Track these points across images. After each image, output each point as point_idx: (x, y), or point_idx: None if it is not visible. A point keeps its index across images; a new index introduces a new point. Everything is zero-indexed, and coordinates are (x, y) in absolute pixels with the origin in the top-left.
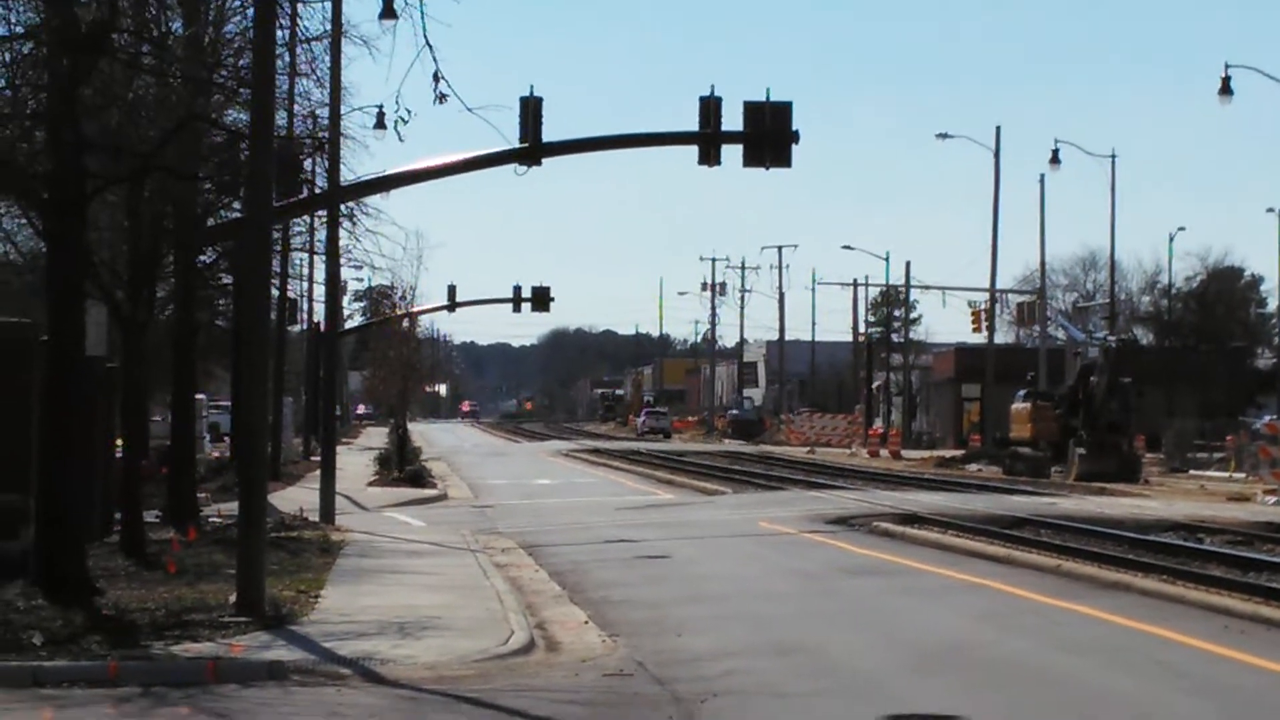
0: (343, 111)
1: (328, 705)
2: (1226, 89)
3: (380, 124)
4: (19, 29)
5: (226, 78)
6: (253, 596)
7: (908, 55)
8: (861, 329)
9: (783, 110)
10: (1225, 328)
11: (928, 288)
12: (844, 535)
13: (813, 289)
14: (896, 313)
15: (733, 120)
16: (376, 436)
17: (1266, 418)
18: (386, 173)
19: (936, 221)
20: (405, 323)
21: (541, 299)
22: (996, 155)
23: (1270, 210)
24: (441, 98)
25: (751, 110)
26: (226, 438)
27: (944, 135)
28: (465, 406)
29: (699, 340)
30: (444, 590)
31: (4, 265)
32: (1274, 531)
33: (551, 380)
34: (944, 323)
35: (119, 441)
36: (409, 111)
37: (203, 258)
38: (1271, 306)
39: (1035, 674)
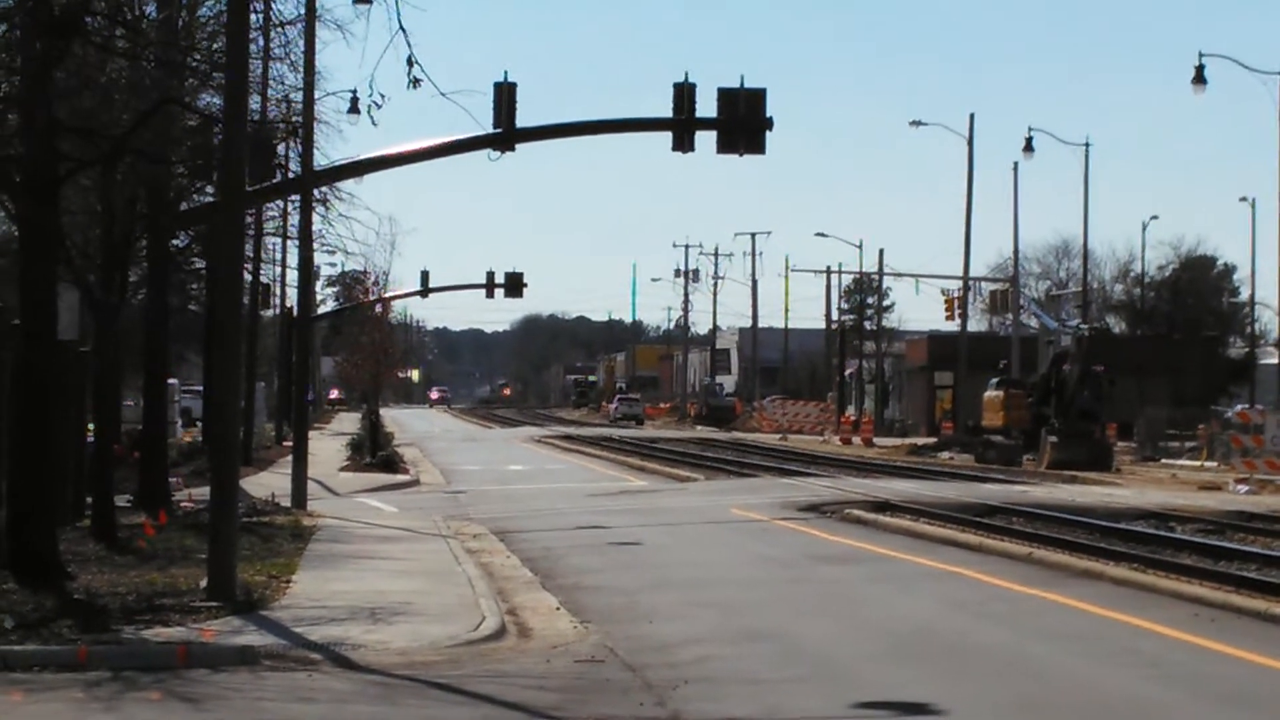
0: (316, 96)
1: (299, 690)
2: (1200, 78)
3: (354, 109)
4: None
5: (200, 61)
6: (224, 581)
7: (882, 43)
8: (834, 316)
9: (756, 97)
10: (1198, 316)
11: (901, 275)
12: (816, 522)
13: (786, 276)
14: (869, 300)
15: (707, 107)
16: (349, 422)
17: (1238, 407)
18: (360, 157)
19: (910, 209)
20: (378, 308)
21: (515, 285)
22: (970, 143)
23: (1243, 199)
24: (415, 82)
25: (725, 97)
26: (198, 422)
27: (918, 123)
28: (434, 394)
29: (672, 327)
30: (415, 576)
31: None
32: (1245, 520)
33: (524, 366)
34: (917, 310)
35: (90, 426)
36: (383, 96)
37: (176, 242)
38: (1244, 295)
39: (1006, 662)
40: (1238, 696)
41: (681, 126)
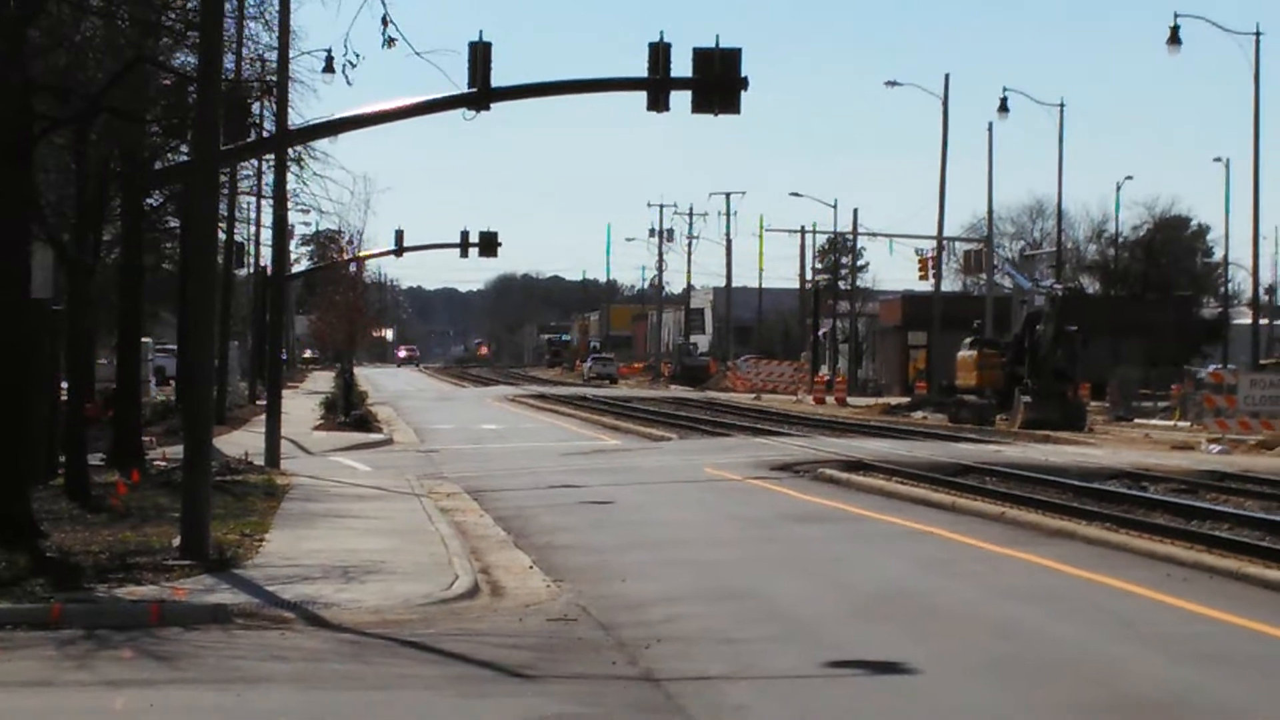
0: (291, 55)
1: (271, 648)
2: (1175, 38)
3: (329, 68)
4: None
5: (174, 20)
6: (197, 540)
7: (857, 3)
8: (809, 276)
9: (732, 56)
10: (1171, 277)
11: (875, 235)
12: (789, 482)
13: (760, 236)
14: (844, 260)
15: (682, 66)
16: (323, 381)
17: (1211, 367)
18: (334, 117)
19: (885, 169)
20: (352, 267)
21: (489, 244)
22: (945, 103)
23: (1217, 160)
24: (390, 42)
25: (701, 56)
26: (172, 381)
27: (893, 83)
28: (402, 352)
29: (646, 286)
30: (388, 535)
31: None
32: (1218, 480)
33: (499, 325)
34: (891, 270)
35: (64, 384)
36: (357, 55)
37: (150, 201)
38: (1218, 256)
39: (979, 621)
40: (1211, 656)
41: (656, 86)
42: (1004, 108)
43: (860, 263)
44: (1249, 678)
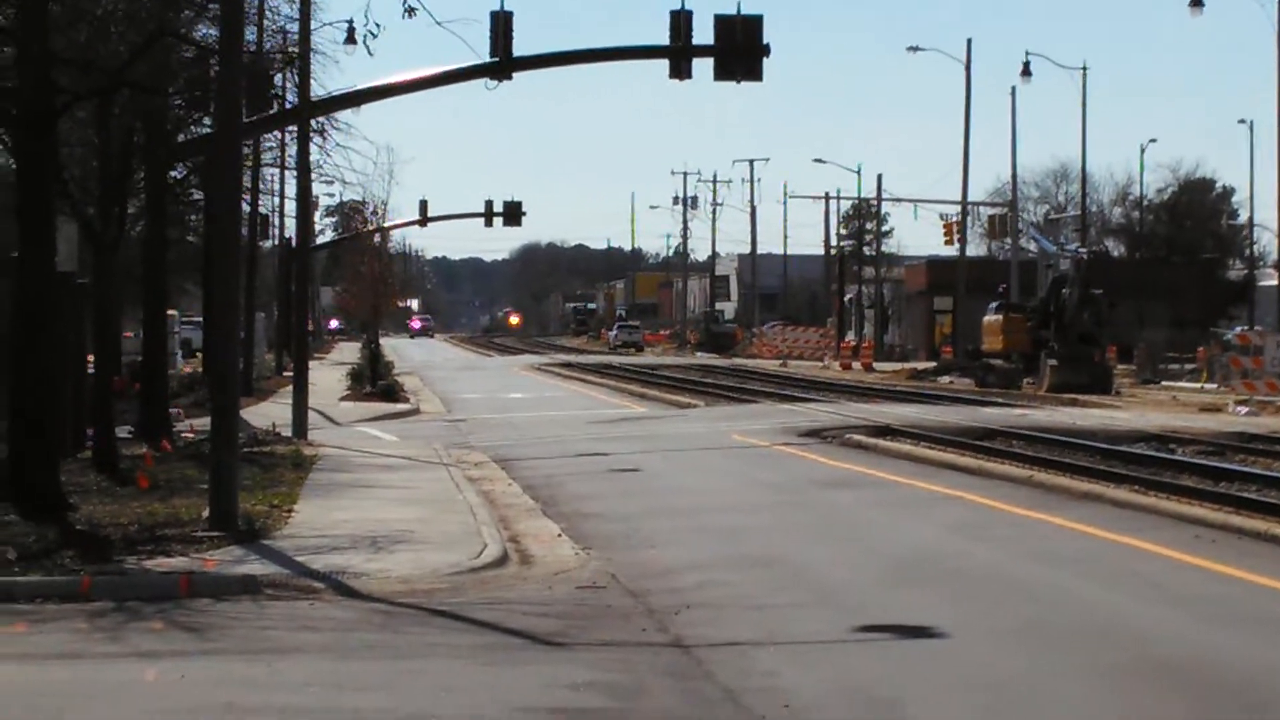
0: (312, 26)
1: (301, 619)
2: (1198, 1)
3: (350, 39)
4: None
5: None
6: (225, 511)
7: None
8: (833, 242)
9: (753, 24)
10: (1197, 239)
11: (899, 200)
12: (816, 448)
13: (784, 202)
14: (868, 226)
15: (704, 34)
16: (349, 351)
17: (1237, 329)
18: (357, 88)
19: (908, 135)
20: (377, 238)
21: (513, 213)
22: (968, 68)
23: (1242, 121)
24: (410, 11)
25: (722, 24)
26: (198, 353)
27: (915, 48)
28: (415, 323)
29: (671, 254)
30: (417, 504)
31: None
32: (1245, 442)
33: (524, 294)
34: (916, 236)
35: (90, 358)
36: (379, 26)
37: (173, 173)
38: (1243, 218)
39: (1008, 585)
40: (1240, 617)
41: (678, 54)
42: (1027, 72)
43: (885, 228)
44: (1277, 638)
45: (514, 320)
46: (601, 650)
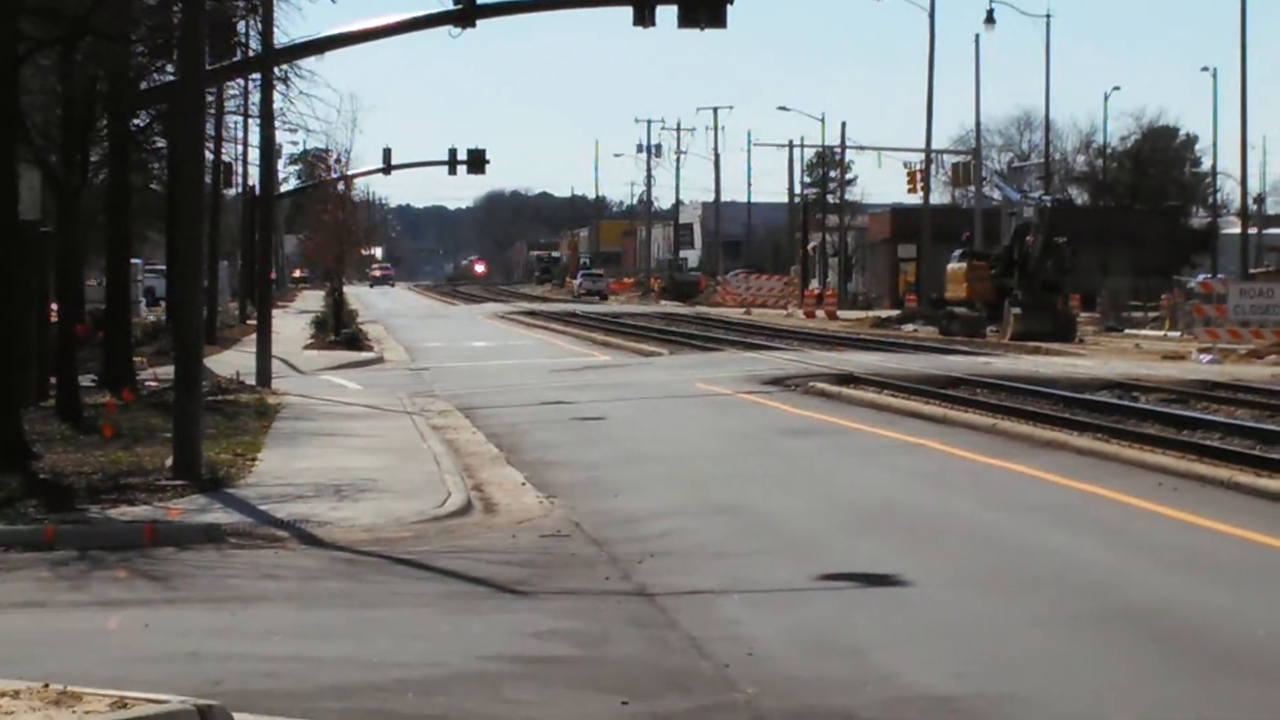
0: None
1: (265, 567)
2: None
3: None
4: None
5: None
6: (189, 460)
7: None
8: (797, 190)
9: None
10: (1160, 187)
11: (863, 149)
12: (780, 396)
13: (748, 151)
14: (832, 174)
15: None
16: (312, 300)
17: (1201, 276)
18: (321, 35)
19: (872, 83)
20: (340, 186)
21: (477, 161)
22: (931, 15)
23: (1205, 69)
24: None
25: None
26: (162, 302)
27: None
28: (376, 270)
29: (635, 202)
30: (381, 453)
31: None
32: (1208, 389)
33: (488, 243)
34: (880, 184)
35: (53, 306)
36: None
37: (136, 121)
38: (1206, 166)
39: (971, 532)
40: (1202, 564)
41: (643, 1)
42: (990, 19)
43: (849, 176)
44: (1240, 586)
45: (479, 269)
46: (565, 599)
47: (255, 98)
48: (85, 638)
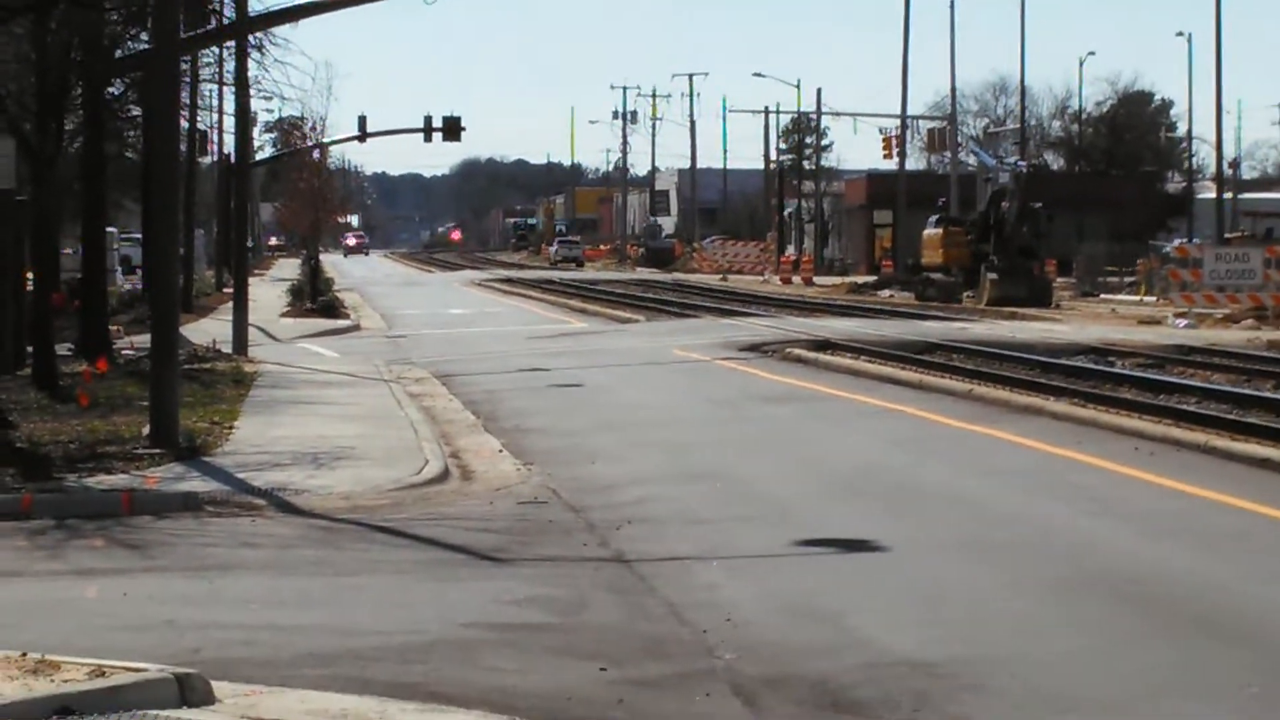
0: None
1: (242, 536)
2: None
3: None
4: None
5: None
6: (166, 428)
7: None
8: (773, 156)
9: None
10: (1135, 152)
11: (839, 114)
12: (757, 362)
13: (724, 117)
14: (808, 140)
15: None
16: (289, 268)
17: (1176, 241)
18: (294, 3)
19: (848, 49)
20: (316, 154)
21: (452, 129)
22: None
23: (1180, 34)
24: None
25: None
26: (138, 270)
27: None
28: (350, 239)
29: (611, 169)
30: (358, 421)
31: None
32: (1184, 354)
33: (464, 210)
34: (855, 150)
35: (29, 275)
36: None
37: (111, 89)
38: (1181, 131)
39: (948, 498)
40: (1179, 529)
41: None
42: None
43: (824, 143)
44: (1217, 550)
45: (455, 235)
46: (543, 565)
47: (230, 65)
48: (63, 606)
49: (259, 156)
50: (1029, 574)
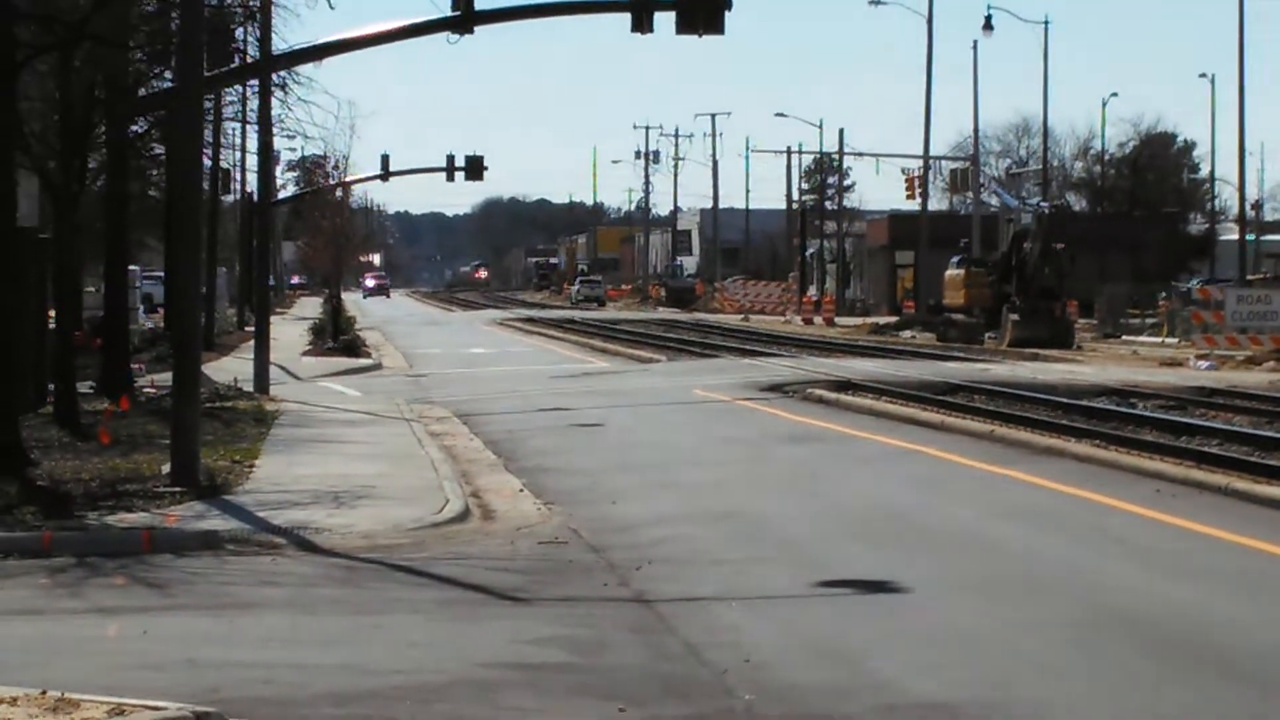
0: None
1: (262, 574)
2: None
3: None
4: None
5: None
6: (187, 466)
7: None
8: (795, 196)
9: None
10: (1158, 194)
11: (861, 155)
12: (778, 402)
13: (746, 157)
14: (830, 180)
15: None
16: (310, 306)
17: (1199, 283)
18: (318, 42)
19: (870, 89)
20: (338, 192)
21: (475, 168)
22: (930, 21)
23: (1203, 75)
24: None
25: None
26: (160, 308)
27: (877, 2)
28: (370, 280)
29: (633, 208)
30: (379, 459)
31: None
32: (1206, 396)
33: (486, 249)
34: (877, 190)
35: (52, 313)
36: None
37: (134, 128)
38: (1204, 172)
39: (968, 539)
40: (1199, 571)
41: (640, 7)
42: (989, 25)
43: (847, 183)
44: (1237, 592)
45: (481, 274)
46: (564, 605)
47: (253, 104)
48: (83, 644)
49: (282, 195)
50: (1050, 615)
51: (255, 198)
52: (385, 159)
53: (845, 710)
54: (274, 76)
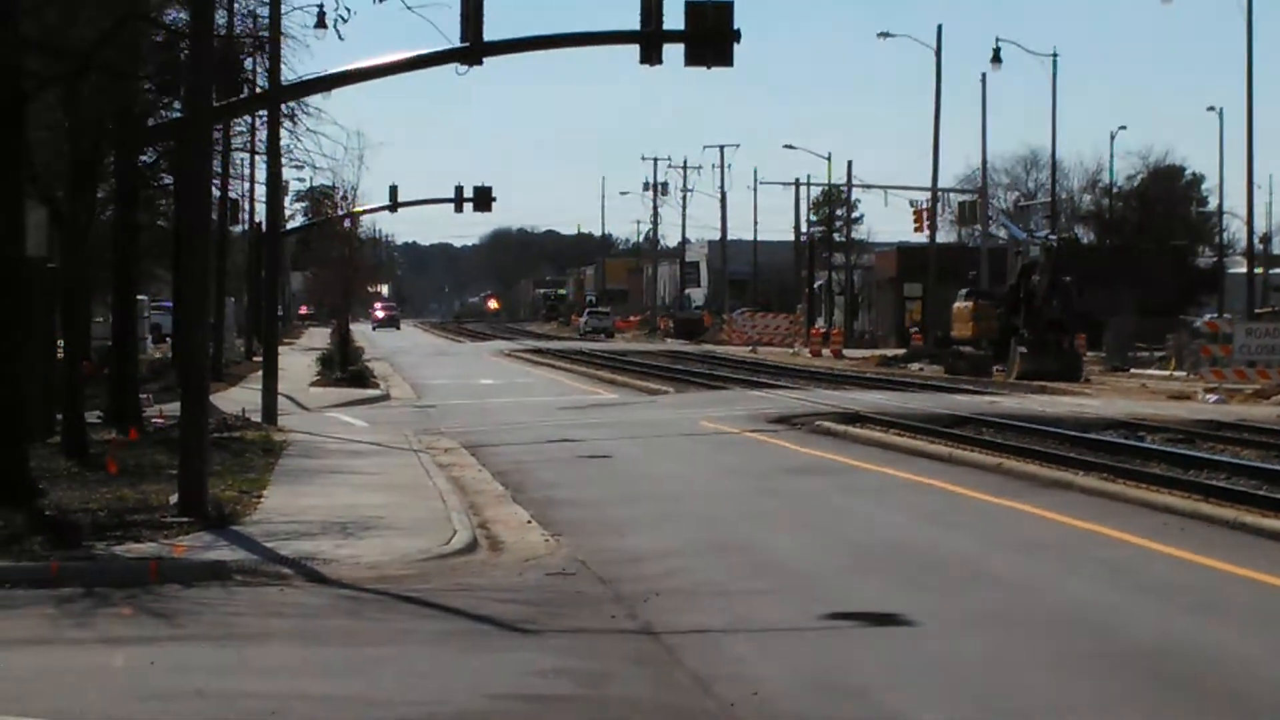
0: (283, 10)
1: (270, 605)
2: None
3: (321, 23)
4: None
5: None
6: (195, 497)
7: None
8: (803, 228)
9: (724, 9)
10: (1166, 226)
11: (869, 187)
12: (786, 434)
13: (754, 188)
14: (838, 212)
15: (675, 20)
16: (319, 337)
17: (1207, 316)
18: (327, 72)
19: (878, 121)
20: (347, 223)
21: (483, 199)
22: (938, 54)
23: (1211, 109)
24: None
25: (693, 9)
26: (168, 338)
27: (885, 34)
28: (379, 311)
29: (641, 240)
30: (386, 490)
31: None
32: (1214, 429)
33: (494, 280)
34: (886, 222)
35: (60, 343)
36: (349, 10)
37: (143, 158)
38: (1212, 205)
39: (976, 572)
40: (1208, 605)
41: (649, 39)
42: (997, 58)
43: (855, 215)
44: (1246, 627)
45: (492, 304)
46: (571, 637)
47: (262, 134)
48: (91, 675)
49: (290, 225)
50: (1057, 649)
51: (264, 228)
52: (394, 190)
53: None
54: (283, 107)
